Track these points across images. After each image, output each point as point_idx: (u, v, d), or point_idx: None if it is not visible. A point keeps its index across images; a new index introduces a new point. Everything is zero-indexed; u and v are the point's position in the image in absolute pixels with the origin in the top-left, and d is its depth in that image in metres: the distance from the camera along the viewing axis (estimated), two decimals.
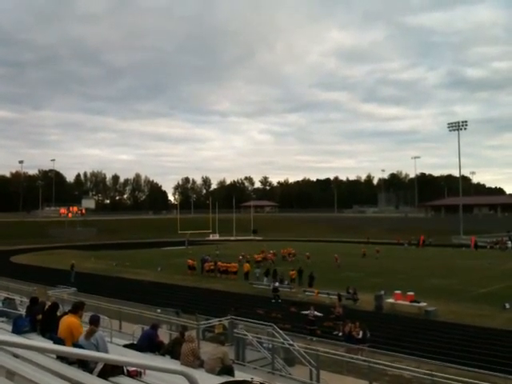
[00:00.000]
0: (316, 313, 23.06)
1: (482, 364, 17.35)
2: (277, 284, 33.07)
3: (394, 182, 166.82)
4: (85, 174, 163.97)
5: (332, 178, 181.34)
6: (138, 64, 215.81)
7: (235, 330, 16.54)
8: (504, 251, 65.34)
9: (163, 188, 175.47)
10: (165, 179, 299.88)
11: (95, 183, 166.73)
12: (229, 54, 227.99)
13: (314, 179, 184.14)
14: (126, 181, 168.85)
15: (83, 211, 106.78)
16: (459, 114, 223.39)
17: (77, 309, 8.92)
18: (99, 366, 7.00)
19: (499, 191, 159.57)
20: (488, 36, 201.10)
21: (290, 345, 16.20)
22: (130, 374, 7.30)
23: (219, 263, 44.14)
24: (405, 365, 16.03)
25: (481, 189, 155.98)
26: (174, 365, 9.09)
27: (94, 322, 8.33)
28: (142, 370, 7.30)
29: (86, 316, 11.11)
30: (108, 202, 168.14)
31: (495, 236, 75.80)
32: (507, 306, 27.74)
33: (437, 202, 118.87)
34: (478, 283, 36.87)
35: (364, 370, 14.76)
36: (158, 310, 22.62)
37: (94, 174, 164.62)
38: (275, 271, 39.01)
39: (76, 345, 7.71)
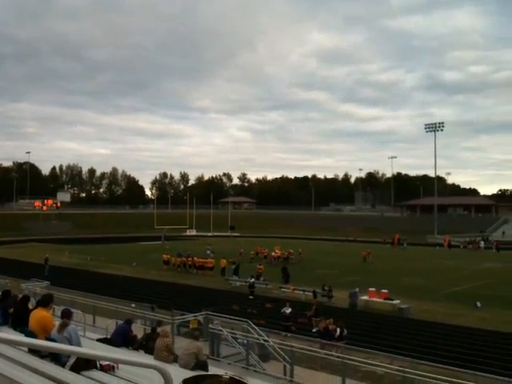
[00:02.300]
0: (289, 309, 23.14)
1: (454, 361, 17.66)
2: (252, 280, 33.15)
3: (371, 182, 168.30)
4: (60, 166, 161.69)
5: (310, 176, 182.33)
6: (120, 60, 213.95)
7: (210, 326, 16.54)
8: (477, 251, 66.55)
9: (140, 183, 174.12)
10: (142, 174, 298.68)
11: (71, 176, 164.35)
12: (211, 53, 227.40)
13: (293, 177, 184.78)
14: (103, 174, 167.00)
15: (58, 204, 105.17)
16: (436, 116, 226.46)
17: (47, 302, 8.80)
18: (72, 360, 6.93)
19: (473, 192, 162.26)
20: (465, 41, 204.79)
21: (264, 340, 16.27)
22: (103, 368, 7.24)
23: (195, 259, 44.00)
24: (378, 361, 16.23)
25: (455, 189, 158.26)
26: (148, 359, 9.05)
27: (66, 315, 8.23)
28: (115, 365, 7.25)
29: (59, 310, 11.00)
30: (84, 195, 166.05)
31: (469, 236, 77.14)
32: (479, 304, 28.26)
33: (412, 202, 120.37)
34: (451, 282, 37.48)
35: (338, 366, 14.90)
36: (133, 305, 22.47)
37: (69, 167, 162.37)
38: (238, 267, 38.99)
39: (48, 338, 7.62)
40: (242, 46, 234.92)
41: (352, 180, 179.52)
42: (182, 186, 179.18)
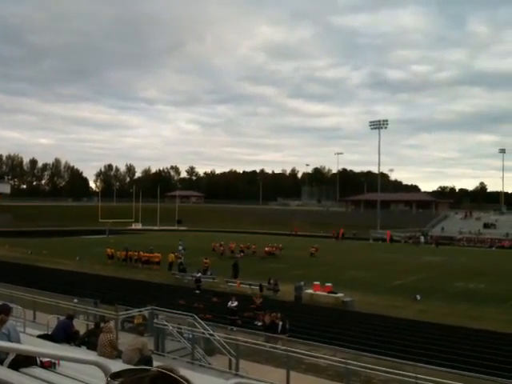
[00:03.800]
0: (235, 303, 23.29)
1: (394, 353, 18.27)
2: (199, 274, 33.01)
3: (318, 177, 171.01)
4: (0, 156, 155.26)
5: (258, 170, 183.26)
6: (63, 46, 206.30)
7: (155, 321, 16.40)
8: (417, 246, 68.99)
9: (84, 175, 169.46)
10: (87, 166, 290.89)
11: (11, 167, 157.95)
12: (158, 42, 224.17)
13: (241, 171, 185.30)
14: (45, 165, 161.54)
15: None
16: (381, 114, 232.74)
17: None
18: (10, 357, 6.71)
19: (415, 189, 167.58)
20: (409, 40, 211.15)
21: (210, 335, 16.29)
22: (44, 365, 7.06)
23: (141, 253, 43.39)
24: (321, 353, 16.58)
25: (398, 186, 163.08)
26: (90, 355, 8.90)
27: (4, 311, 7.96)
28: (56, 361, 7.08)
29: None
30: (25, 187, 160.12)
31: (409, 231, 79.80)
32: (418, 297, 29.31)
33: (356, 197, 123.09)
34: (392, 275, 38.68)
35: (282, 358, 15.11)
36: (75, 300, 21.96)
37: (9, 158, 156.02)
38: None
39: None
40: (190, 36, 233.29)
41: (299, 175, 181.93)
42: (127, 179, 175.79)
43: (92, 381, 5.93)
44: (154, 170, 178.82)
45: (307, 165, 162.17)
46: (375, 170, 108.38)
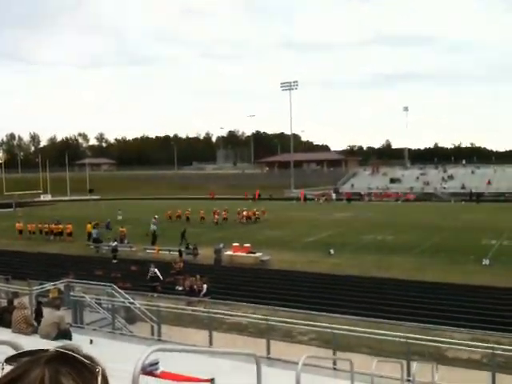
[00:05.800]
0: (156, 270, 23.18)
1: (311, 306, 19.13)
2: (115, 243, 32.29)
3: (232, 140, 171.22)
4: None
5: (171, 135, 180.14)
6: None
7: (72, 293, 15.98)
8: (329, 203, 71.59)
9: None
10: None
11: None
12: (54, 2, 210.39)
13: (153, 136, 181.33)
14: None
15: None
16: (292, 74, 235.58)
17: None
18: None
19: (325, 148, 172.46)
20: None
21: (130, 303, 16.16)
22: None
23: (53, 225, 41.62)
24: (242, 312, 17.02)
25: (309, 146, 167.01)
26: (4, 334, 8.59)
27: None
28: None
29: None
30: None
31: (322, 189, 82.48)
32: (332, 251, 30.65)
33: (270, 159, 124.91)
34: (306, 232, 40.00)
35: (204, 320, 15.34)
36: None
37: None
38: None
39: None
40: None
41: (214, 138, 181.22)
42: (32, 148, 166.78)
43: None
44: (60, 138, 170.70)
45: (221, 128, 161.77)
46: (288, 131, 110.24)
